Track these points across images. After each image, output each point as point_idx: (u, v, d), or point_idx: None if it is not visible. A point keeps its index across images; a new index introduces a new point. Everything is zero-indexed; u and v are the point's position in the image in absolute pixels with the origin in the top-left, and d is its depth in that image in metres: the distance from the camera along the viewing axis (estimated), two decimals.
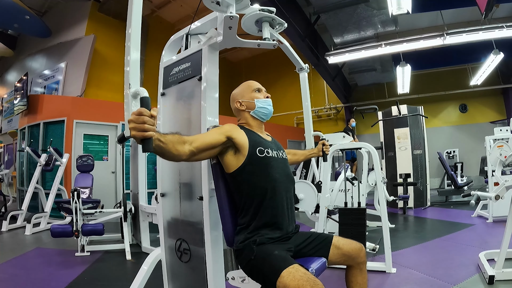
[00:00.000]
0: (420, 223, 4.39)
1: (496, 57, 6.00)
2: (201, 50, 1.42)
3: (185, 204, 1.49)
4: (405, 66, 6.62)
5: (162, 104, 1.63)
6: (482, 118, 8.70)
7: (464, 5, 5.79)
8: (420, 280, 2.19)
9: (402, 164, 5.59)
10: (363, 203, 2.95)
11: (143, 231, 3.27)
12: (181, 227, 1.50)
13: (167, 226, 1.58)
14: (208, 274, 1.33)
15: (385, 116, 6.02)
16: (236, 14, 1.21)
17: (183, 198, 1.50)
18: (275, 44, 1.34)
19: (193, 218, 1.44)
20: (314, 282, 0.98)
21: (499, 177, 3.44)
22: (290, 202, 1.31)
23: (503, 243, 2.05)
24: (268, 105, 1.38)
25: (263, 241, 1.17)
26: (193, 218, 1.43)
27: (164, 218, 1.59)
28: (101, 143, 5.87)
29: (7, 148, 9.07)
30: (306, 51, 6.48)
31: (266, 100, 1.38)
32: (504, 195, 2.06)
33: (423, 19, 6.93)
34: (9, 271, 2.68)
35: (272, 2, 4.67)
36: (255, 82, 1.41)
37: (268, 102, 1.38)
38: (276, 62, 11.32)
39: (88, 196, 4.56)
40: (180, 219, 1.51)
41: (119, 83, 8.36)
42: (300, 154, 1.77)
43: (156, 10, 8.74)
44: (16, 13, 6.88)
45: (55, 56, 7.94)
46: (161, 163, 1.59)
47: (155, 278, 1.65)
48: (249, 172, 1.21)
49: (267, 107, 1.37)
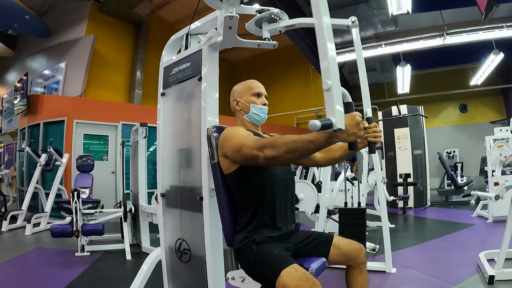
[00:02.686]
0: (420, 223, 4.39)
1: (496, 57, 6.00)
2: (201, 50, 1.42)
3: (185, 204, 1.49)
4: (405, 66, 6.63)
5: (162, 104, 1.63)
6: (482, 118, 8.71)
7: (464, 5, 5.79)
8: (420, 280, 2.19)
9: (402, 164, 5.59)
10: (363, 203, 2.95)
11: (143, 231, 3.27)
12: (181, 227, 1.50)
13: (167, 226, 1.58)
14: (208, 274, 1.33)
15: (385, 116, 6.02)
16: (236, 14, 1.21)
17: (183, 198, 1.50)
18: (275, 44, 1.34)
19: (193, 218, 1.44)
20: (313, 282, 0.98)
21: (499, 177, 3.44)
22: (290, 201, 1.31)
23: (503, 243, 2.05)
24: (262, 113, 1.35)
25: (262, 240, 1.17)
26: (193, 218, 1.43)
27: (164, 218, 1.59)
28: (101, 143, 5.86)
29: (7, 148, 9.07)
30: (306, 51, 6.49)
31: (261, 107, 1.35)
32: (504, 195, 2.06)
33: (423, 19, 6.92)
34: (9, 271, 2.68)
35: (272, 2, 4.67)
36: (257, 84, 1.38)
37: (263, 110, 1.36)
38: (276, 62, 11.33)
39: (88, 196, 4.56)
40: (180, 219, 1.51)
41: (119, 83, 8.38)
42: (335, 150, 1.41)
43: (156, 10, 8.74)
44: (16, 13, 6.88)
45: (55, 56, 7.94)
46: (161, 163, 1.59)
47: (155, 278, 1.65)
48: (248, 172, 1.20)
49: (260, 114, 1.35)
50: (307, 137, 0.93)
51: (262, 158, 1.03)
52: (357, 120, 0.90)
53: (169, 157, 1.57)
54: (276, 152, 0.99)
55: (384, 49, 5.75)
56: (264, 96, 1.38)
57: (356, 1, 5.45)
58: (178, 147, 1.54)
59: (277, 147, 0.99)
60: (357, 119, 0.90)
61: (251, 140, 1.10)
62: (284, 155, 0.98)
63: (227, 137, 1.18)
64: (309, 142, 0.92)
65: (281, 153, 0.98)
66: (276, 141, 0.99)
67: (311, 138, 0.92)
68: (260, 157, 1.03)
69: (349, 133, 0.89)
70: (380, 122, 6.01)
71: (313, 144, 0.92)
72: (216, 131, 1.28)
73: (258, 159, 1.04)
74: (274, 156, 0.99)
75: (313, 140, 0.92)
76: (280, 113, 10.89)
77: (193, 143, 1.44)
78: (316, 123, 0.81)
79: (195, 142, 1.41)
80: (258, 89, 1.37)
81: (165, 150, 1.59)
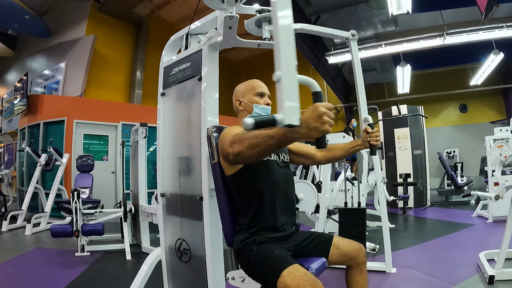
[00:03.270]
0: (420, 223, 4.39)
1: (496, 57, 6.00)
2: (201, 50, 1.42)
3: (185, 204, 1.49)
4: (405, 66, 6.63)
5: (162, 104, 1.63)
6: (482, 118, 8.70)
7: (464, 5, 5.79)
8: (420, 280, 2.19)
9: (402, 164, 5.59)
10: (363, 203, 2.95)
11: (143, 231, 3.27)
12: (181, 227, 1.50)
13: (167, 226, 1.57)
14: (208, 274, 1.33)
15: (385, 116, 6.02)
16: (236, 14, 1.21)
17: (183, 198, 1.50)
18: None
19: (193, 218, 1.44)
20: (314, 282, 0.98)
21: (499, 177, 3.44)
22: (290, 203, 1.31)
23: (503, 243, 2.05)
24: (265, 113, 1.33)
25: (263, 240, 1.16)
26: (193, 218, 1.43)
27: (164, 218, 1.59)
28: (101, 143, 5.87)
29: (7, 148, 9.07)
30: (306, 51, 6.48)
31: (264, 107, 1.34)
32: (504, 195, 2.06)
33: (423, 19, 6.92)
34: (9, 271, 2.68)
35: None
36: (260, 84, 1.37)
37: (266, 110, 1.34)
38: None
39: (88, 196, 4.56)
40: (180, 219, 1.51)
41: (119, 83, 8.37)
42: (337, 149, 1.44)
43: (156, 10, 8.74)
44: (16, 13, 6.88)
45: (55, 56, 7.94)
46: (161, 163, 1.59)
47: (155, 278, 1.65)
48: (249, 174, 1.20)
49: (263, 114, 1.33)
50: (268, 132, 0.88)
51: (231, 154, 0.99)
52: (318, 112, 0.79)
53: (169, 157, 1.57)
54: (241, 147, 0.95)
55: (384, 49, 5.75)
56: (267, 96, 1.37)
57: (356, 1, 5.44)
58: (178, 147, 1.54)
59: (241, 142, 0.96)
60: (319, 111, 0.79)
61: (230, 136, 1.05)
62: (247, 151, 0.94)
63: (221, 137, 1.16)
64: (269, 137, 0.88)
65: (244, 148, 0.94)
66: (243, 137, 0.96)
67: (271, 133, 0.87)
68: (230, 153, 1.00)
69: (309, 128, 0.80)
70: (380, 122, 6.01)
71: (272, 139, 0.87)
72: (216, 131, 1.28)
73: (229, 155, 1.01)
74: (239, 152, 0.96)
75: (273, 135, 0.87)
76: None
77: (193, 143, 1.44)
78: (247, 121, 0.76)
79: (195, 142, 1.41)
80: (261, 88, 1.36)
81: (165, 150, 1.59)
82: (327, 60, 6.41)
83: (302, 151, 1.47)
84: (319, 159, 1.46)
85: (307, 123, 0.79)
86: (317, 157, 1.46)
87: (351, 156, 1.55)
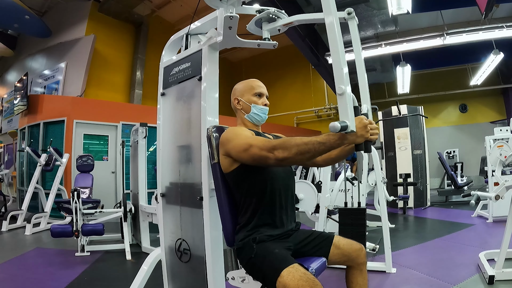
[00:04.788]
0: (420, 223, 4.39)
1: (496, 57, 6.00)
2: (201, 50, 1.42)
3: (185, 204, 1.49)
4: (405, 66, 6.63)
5: (162, 104, 1.63)
6: (482, 118, 8.71)
7: (464, 5, 5.79)
8: (420, 280, 2.19)
9: (402, 164, 5.59)
10: (363, 203, 2.95)
11: (143, 231, 3.27)
12: (181, 227, 1.50)
13: (167, 226, 1.57)
14: (208, 274, 1.33)
15: (385, 116, 6.02)
16: (236, 14, 1.21)
17: (183, 198, 1.50)
18: (275, 44, 1.34)
19: (193, 218, 1.44)
20: (313, 282, 0.98)
21: (499, 177, 3.44)
22: (290, 200, 1.31)
23: (503, 243, 2.05)
24: (263, 113, 1.36)
25: (263, 238, 1.17)
26: (193, 218, 1.43)
27: (164, 218, 1.59)
28: (101, 143, 5.86)
29: (7, 148, 9.07)
30: (306, 51, 6.49)
31: (262, 108, 1.35)
32: (504, 195, 2.06)
33: (423, 19, 6.92)
34: (9, 271, 2.68)
35: (272, 2, 4.67)
36: (259, 84, 1.38)
37: (264, 111, 1.36)
38: (276, 62, 11.33)
39: (88, 196, 4.56)
40: (180, 219, 1.51)
41: (119, 83, 8.38)
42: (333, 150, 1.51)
43: (156, 10, 8.75)
44: (16, 13, 6.88)
45: (55, 56, 7.95)
46: (161, 163, 1.59)
47: (155, 278, 1.65)
48: (248, 170, 1.20)
49: (261, 115, 1.36)
50: (318, 139, 0.98)
51: (272, 159, 1.05)
52: (364, 122, 0.97)
53: (169, 157, 1.57)
54: (287, 153, 1.02)
55: (384, 49, 5.75)
56: (266, 97, 1.39)
57: (356, 1, 5.44)
58: (177, 147, 1.54)
59: (288, 149, 1.02)
60: (365, 122, 0.97)
61: (260, 141, 1.11)
62: (295, 157, 1.01)
63: (232, 136, 1.19)
64: (320, 144, 0.98)
65: (292, 154, 1.01)
66: (287, 143, 1.03)
67: (322, 140, 0.98)
68: (270, 158, 1.06)
69: (357, 135, 0.96)
70: (380, 122, 6.01)
71: (324, 146, 0.98)
72: (216, 131, 1.28)
73: (268, 160, 1.07)
74: (285, 158, 1.03)
75: (324, 142, 0.98)
76: (280, 113, 10.89)
77: (193, 143, 1.44)
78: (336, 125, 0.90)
79: (195, 142, 1.41)
80: (259, 89, 1.37)
81: (165, 150, 1.59)
82: (327, 60, 6.42)
83: None
84: (316, 160, 1.47)
85: (357, 131, 0.96)
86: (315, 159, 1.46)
87: (350, 156, 1.56)
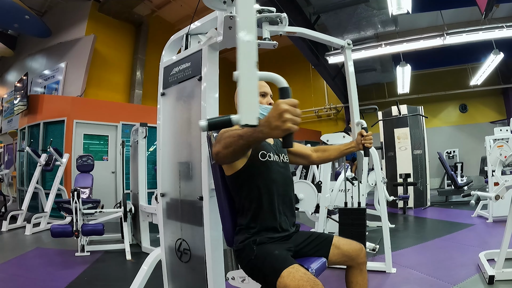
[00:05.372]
0: (420, 223, 4.39)
1: (496, 57, 6.00)
2: (201, 50, 1.42)
3: (185, 204, 1.49)
4: (405, 66, 6.63)
5: (162, 104, 1.63)
6: (482, 118, 8.71)
7: (464, 5, 5.79)
8: (420, 280, 2.19)
9: (402, 164, 5.59)
10: (363, 203, 2.95)
11: (143, 231, 3.27)
12: (181, 227, 1.50)
13: (167, 226, 1.57)
14: (208, 274, 1.33)
15: (385, 116, 6.02)
16: (236, 14, 1.21)
17: (183, 198, 1.50)
18: (275, 44, 1.34)
19: (193, 218, 1.44)
20: (314, 282, 0.98)
21: (499, 177, 3.44)
22: (289, 203, 1.31)
23: (503, 243, 2.05)
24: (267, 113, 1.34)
25: (263, 240, 1.17)
26: (193, 218, 1.43)
27: (164, 218, 1.59)
28: (101, 143, 5.86)
29: (7, 148, 9.07)
30: (306, 51, 6.49)
31: (266, 107, 1.31)
32: (504, 195, 2.06)
33: (423, 19, 6.93)
34: (9, 271, 2.68)
35: (272, 2, 4.67)
36: (262, 84, 1.37)
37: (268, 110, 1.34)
38: (276, 62, 11.31)
39: (88, 196, 4.56)
40: (180, 219, 1.51)
41: (119, 83, 8.37)
42: (332, 150, 1.51)
43: (156, 10, 8.74)
44: (16, 13, 6.88)
45: (55, 56, 7.94)
46: (161, 163, 1.59)
47: (155, 278, 1.65)
48: (248, 174, 1.20)
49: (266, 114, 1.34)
50: (238, 132, 0.88)
51: (213, 153, 0.98)
52: (279, 109, 0.74)
53: (169, 157, 1.57)
54: (218, 147, 0.95)
55: (384, 49, 5.75)
56: (270, 96, 1.38)
57: (356, 1, 5.44)
58: (178, 147, 1.54)
59: (219, 142, 0.96)
60: (280, 108, 0.74)
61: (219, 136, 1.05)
62: (223, 151, 0.94)
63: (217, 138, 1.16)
64: (239, 137, 0.88)
65: (221, 148, 0.94)
66: (221, 136, 0.97)
67: (241, 133, 0.87)
68: (212, 153, 1.00)
69: (270, 127, 0.76)
70: (380, 122, 6.01)
71: (242, 139, 0.87)
72: (216, 131, 1.28)
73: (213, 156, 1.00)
74: (217, 152, 0.96)
75: (242, 135, 0.87)
76: None
77: (193, 143, 1.44)
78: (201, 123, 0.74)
79: (195, 142, 1.41)
80: (263, 88, 1.36)
81: (165, 150, 1.59)
82: (327, 60, 6.41)
83: (298, 151, 1.50)
84: (314, 159, 1.52)
85: (268, 122, 0.76)
86: (313, 158, 1.51)
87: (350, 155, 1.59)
